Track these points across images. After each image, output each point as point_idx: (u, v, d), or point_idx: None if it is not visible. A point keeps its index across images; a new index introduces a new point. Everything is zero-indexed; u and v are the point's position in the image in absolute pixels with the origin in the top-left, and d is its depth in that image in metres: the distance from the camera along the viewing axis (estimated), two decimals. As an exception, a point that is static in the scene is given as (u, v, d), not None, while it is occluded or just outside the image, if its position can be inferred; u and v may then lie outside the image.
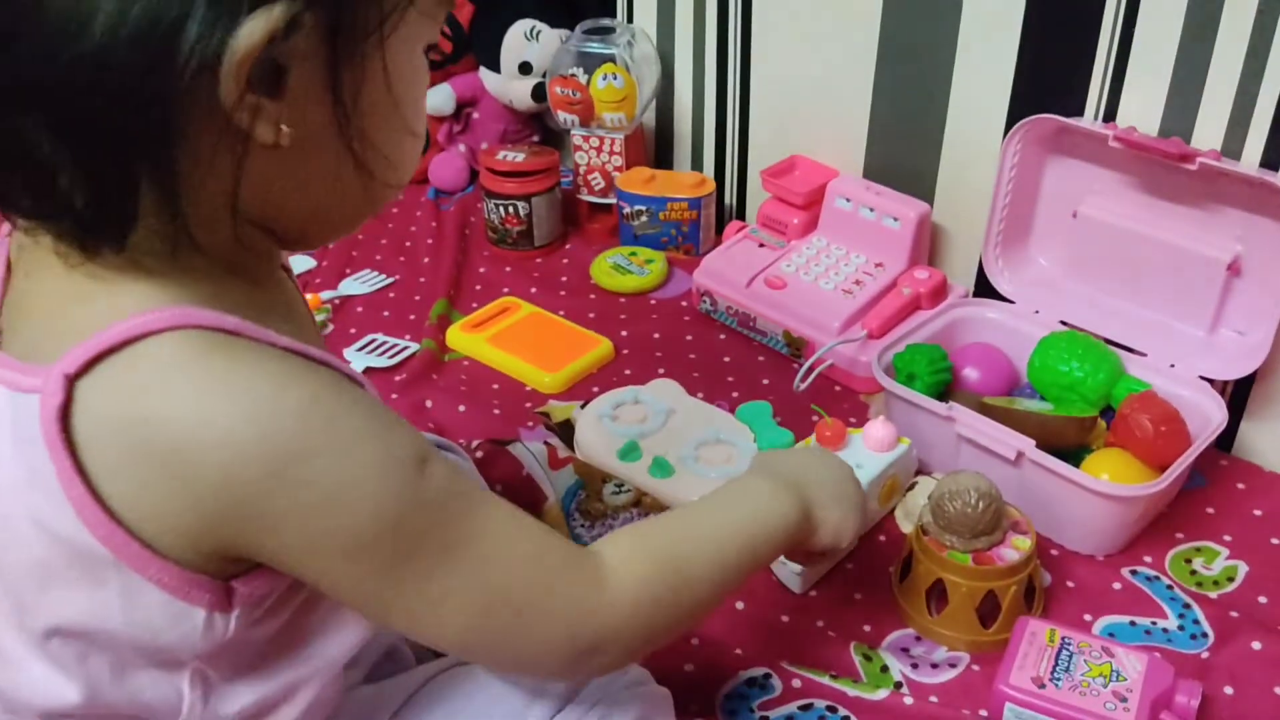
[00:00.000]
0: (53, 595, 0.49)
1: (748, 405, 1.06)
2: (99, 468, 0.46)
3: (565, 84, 1.30)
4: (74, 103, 0.44)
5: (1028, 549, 0.81)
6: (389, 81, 0.50)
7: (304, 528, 0.48)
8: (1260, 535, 0.92)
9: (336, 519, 0.48)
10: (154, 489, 0.47)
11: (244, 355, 0.48)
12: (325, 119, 0.49)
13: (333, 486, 0.48)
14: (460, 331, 1.18)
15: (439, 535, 0.51)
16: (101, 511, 0.46)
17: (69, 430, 0.46)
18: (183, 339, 0.47)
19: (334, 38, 0.47)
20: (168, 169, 0.46)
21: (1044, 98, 1.02)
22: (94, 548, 0.47)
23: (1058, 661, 0.75)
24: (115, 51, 0.43)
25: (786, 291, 1.15)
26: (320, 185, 0.52)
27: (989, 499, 0.80)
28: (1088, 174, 1.01)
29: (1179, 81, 0.95)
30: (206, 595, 0.49)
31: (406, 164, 0.55)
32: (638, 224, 1.32)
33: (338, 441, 0.48)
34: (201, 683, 0.52)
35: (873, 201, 1.16)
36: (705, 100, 1.33)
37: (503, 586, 0.54)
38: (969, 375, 1.02)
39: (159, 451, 0.46)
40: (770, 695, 0.77)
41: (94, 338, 0.46)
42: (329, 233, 0.57)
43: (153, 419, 0.46)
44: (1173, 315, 1.00)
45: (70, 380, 0.46)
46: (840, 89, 1.18)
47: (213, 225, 0.49)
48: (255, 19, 0.44)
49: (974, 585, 0.80)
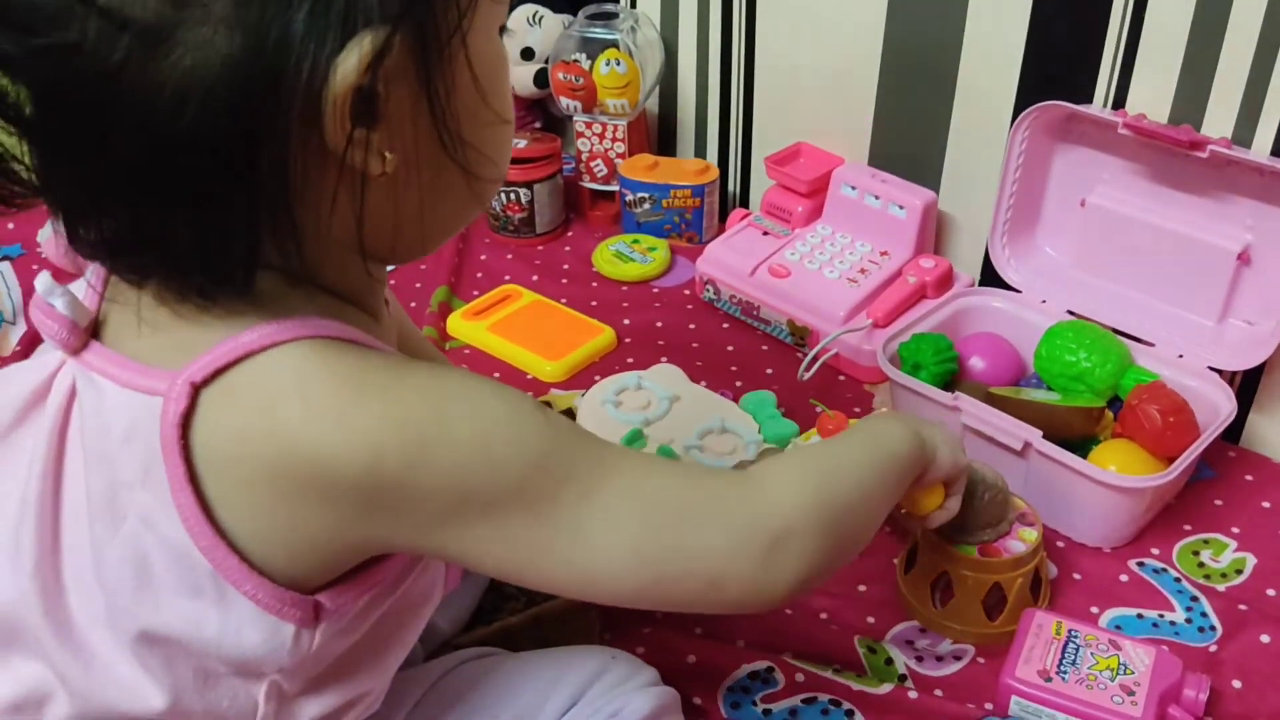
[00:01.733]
0: (148, 597, 0.49)
1: (751, 395, 1.05)
2: (213, 478, 0.46)
3: (568, 69, 1.29)
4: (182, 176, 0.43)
5: (1034, 541, 0.80)
6: (475, 77, 0.49)
7: (453, 492, 0.48)
8: (1269, 527, 0.91)
9: (484, 472, 0.48)
10: (277, 501, 0.47)
11: (365, 358, 0.48)
12: (425, 133, 0.47)
13: (476, 440, 0.48)
14: (461, 319, 1.17)
15: (581, 466, 0.50)
16: (207, 523, 0.47)
17: (187, 438, 0.46)
18: (307, 348, 0.47)
19: (423, 50, 0.45)
20: (287, 221, 0.45)
21: (1053, 84, 1.01)
22: (195, 557, 0.47)
23: (1064, 654, 0.74)
24: (214, 122, 0.42)
25: (791, 280, 1.14)
26: (429, 199, 0.51)
27: (995, 490, 0.79)
28: (1096, 162, 1.00)
29: (1189, 68, 0.94)
30: (297, 611, 0.49)
31: (504, 155, 0.54)
32: (640, 211, 1.30)
33: (467, 400, 0.48)
34: (277, 695, 0.52)
35: (878, 189, 1.15)
36: (709, 86, 1.32)
37: (663, 497, 0.51)
38: (975, 365, 1.01)
39: (294, 465, 0.46)
40: (773, 689, 0.76)
41: (220, 346, 0.46)
42: (438, 243, 0.56)
43: (286, 432, 0.46)
44: (1182, 305, 0.98)
45: (195, 389, 0.46)
46: (846, 75, 1.17)
47: (333, 264, 0.50)
48: (347, 56, 0.42)
49: (980, 578, 0.79)
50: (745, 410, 1.02)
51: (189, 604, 0.48)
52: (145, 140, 0.42)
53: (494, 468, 0.48)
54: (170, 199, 0.44)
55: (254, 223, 0.45)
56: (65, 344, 0.49)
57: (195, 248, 0.46)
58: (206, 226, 0.45)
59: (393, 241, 0.52)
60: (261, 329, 0.47)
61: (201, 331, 0.47)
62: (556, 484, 0.49)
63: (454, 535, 0.49)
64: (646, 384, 1.03)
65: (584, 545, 0.50)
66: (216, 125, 0.42)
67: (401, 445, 0.46)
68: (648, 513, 0.51)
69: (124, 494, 0.48)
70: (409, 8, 0.44)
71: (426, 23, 0.45)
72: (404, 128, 0.47)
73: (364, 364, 0.48)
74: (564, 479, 0.49)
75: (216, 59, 0.41)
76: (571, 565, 0.50)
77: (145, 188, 0.44)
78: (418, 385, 0.48)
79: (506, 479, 0.48)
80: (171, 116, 0.42)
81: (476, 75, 0.49)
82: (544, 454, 0.49)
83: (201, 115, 0.42)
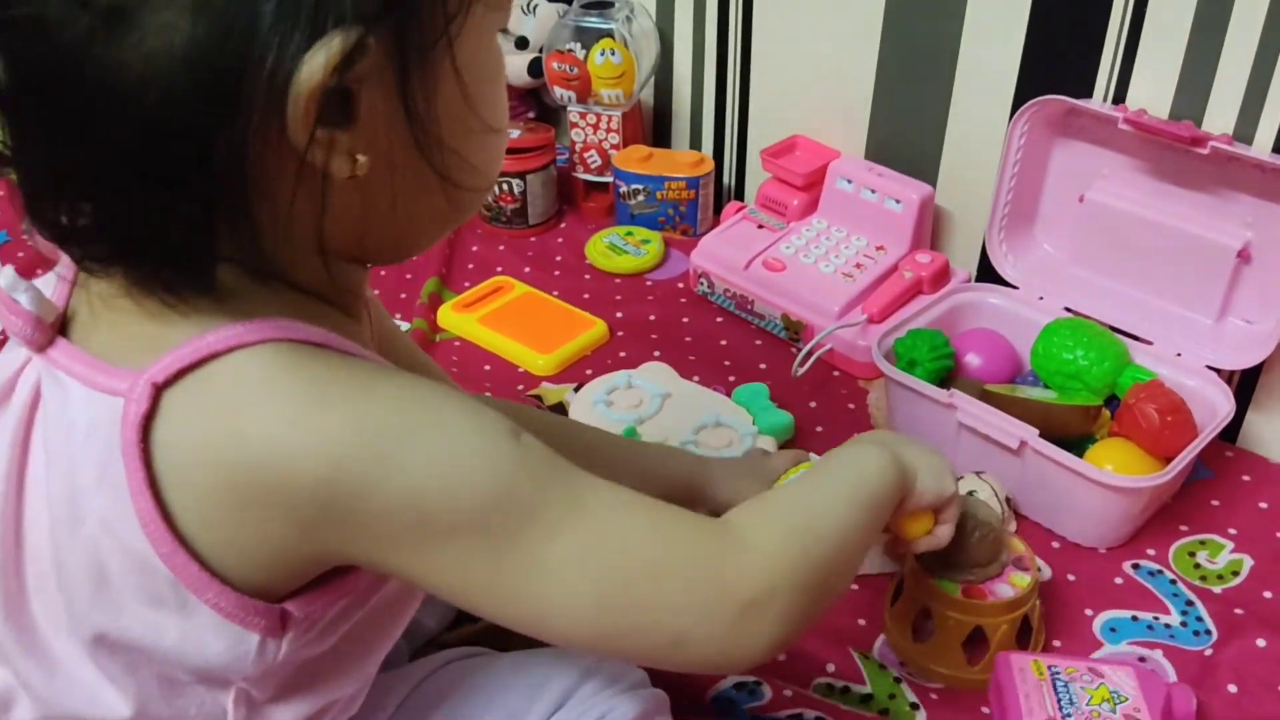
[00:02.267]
0: (107, 603, 0.47)
1: (744, 387, 1.04)
2: (173, 483, 0.45)
3: (562, 59, 1.28)
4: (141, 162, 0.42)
5: (1025, 587, 0.75)
6: (462, 84, 0.47)
7: (410, 513, 0.46)
8: (1266, 529, 0.90)
9: (444, 497, 0.46)
10: (239, 512, 0.45)
11: (332, 363, 0.47)
12: (402, 138, 0.46)
13: (437, 464, 0.46)
14: (452, 311, 1.15)
15: (549, 501, 0.47)
16: (167, 529, 0.45)
17: (148, 440, 0.45)
18: (272, 352, 0.45)
19: (401, 53, 0.44)
20: (245, 216, 0.44)
21: (1052, 78, 1.00)
22: (154, 564, 0.46)
23: (1059, 696, 0.70)
24: (177, 109, 0.41)
25: (785, 274, 1.12)
26: (404, 205, 0.49)
27: (987, 529, 0.75)
28: (1096, 157, 0.99)
29: (1191, 63, 0.92)
30: (261, 620, 0.48)
31: (492, 164, 0.52)
32: (634, 203, 1.29)
33: (434, 420, 0.46)
34: (246, 702, 0.51)
35: (874, 183, 1.13)
36: (705, 77, 1.31)
37: (630, 547, 0.49)
38: (971, 362, 1.00)
39: (251, 471, 0.44)
40: (759, 701, 0.75)
41: (182, 348, 0.45)
42: (416, 249, 0.55)
43: (247, 437, 0.44)
44: (1180, 303, 0.97)
45: (158, 390, 0.44)
46: (843, 67, 1.16)
47: (299, 262, 0.48)
48: (314, 55, 0.41)
49: (961, 619, 0.75)
50: (738, 403, 1.01)
51: (148, 612, 0.47)
52: (106, 123, 0.41)
53: (455, 495, 0.46)
54: (129, 185, 0.43)
55: (213, 216, 0.44)
56: (30, 341, 0.48)
57: (154, 237, 0.44)
58: (166, 216, 0.44)
59: (361, 244, 0.50)
60: (227, 330, 0.45)
61: (167, 329, 0.46)
62: (520, 519, 0.47)
63: (410, 557, 0.47)
64: (637, 382, 1.02)
65: (543, 587, 0.47)
66: (177, 113, 0.41)
67: (361, 460, 0.44)
68: (615, 562, 0.48)
69: (83, 497, 0.46)
70: (386, 10, 0.42)
71: (407, 26, 0.43)
72: (381, 131, 0.45)
73: (332, 370, 0.46)
74: (529, 515, 0.47)
75: (179, 45, 0.40)
76: (528, 605, 0.48)
77: (104, 172, 0.43)
78: (386, 398, 0.46)
79: (467, 508, 0.46)
80: (132, 100, 0.41)
81: (464, 82, 0.47)
82: (510, 486, 0.47)
83: (162, 102, 0.41)
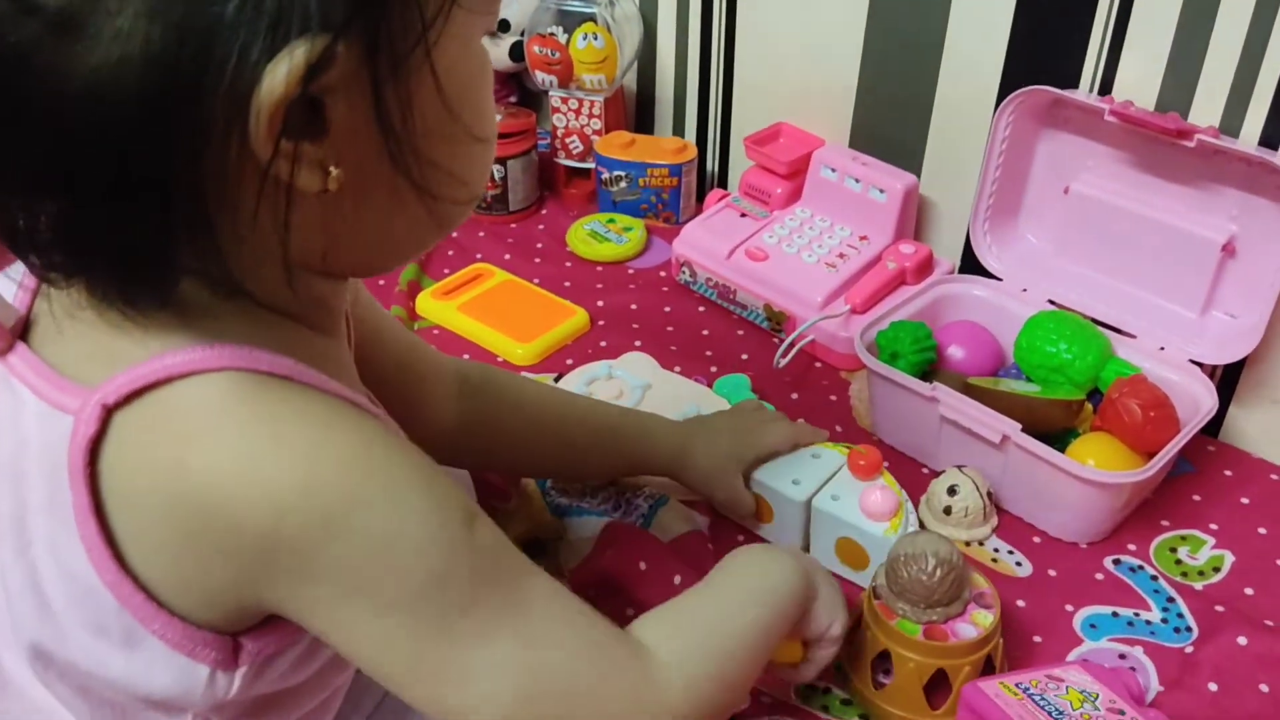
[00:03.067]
0: (53, 628, 0.46)
1: (725, 379, 1.03)
2: (119, 511, 0.43)
3: (544, 43, 1.26)
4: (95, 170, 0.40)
5: (988, 626, 0.72)
6: (442, 92, 0.44)
7: (345, 581, 0.44)
8: (1248, 524, 0.90)
9: (381, 571, 0.45)
10: (179, 545, 0.43)
11: (292, 401, 0.45)
12: (378, 150, 0.43)
13: (380, 536, 0.44)
14: (430, 299, 1.14)
15: (487, 600, 0.47)
16: (111, 557, 0.43)
17: (96, 464, 0.43)
18: (231, 381, 0.43)
19: (373, 62, 0.41)
20: (206, 229, 0.42)
21: (1038, 68, 0.99)
22: (99, 591, 0.44)
23: (1044, 709, 0.68)
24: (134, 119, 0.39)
25: (768, 264, 1.11)
26: (380, 219, 0.47)
27: (948, 566, 0.72)
28: (1081, 149, 0.98)
29: (1178, 54, 0.91)
30: (212, 653, 0.46)
31: (476, 175, 0.50)
32: (616, 190, 1.28)
33: (386, 490, 0.45)
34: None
35: (859, 172, 1.12)
36: (688, 63, 1.29)
37: (554, 667, 0.49)
38: (954, 354, 0.99)
39: (191, 505, 0.43)
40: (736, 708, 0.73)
41: (139, 367, 0.43)
42: (395, 263, 0.53)
43: (192, 470, 0.42)
44: (1164, 296, 0.97)
45: (108, 411, 0.43)
46: (828, 54, 1.15)
47: (266, 277, 0.45)
48: (276, 66, 0.39)
49: (922, 661, 0.71)
50: (719, 394, 1.00)
51: (92, 640, 0.46)
52: (57, 131, 0.39)
53: (394, 573, 0.45)
54: (86, 194, 0.41)
55: (174, 228, 0.42)
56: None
57: (111, 249, 0.42)
58: (123, 227, 0.42)
59: (335, 258, 0.48)
60: (185, 353, 0.43)
61: (125, 344, 0.44)
62: (454, 613, 0.46)
63: (337, 622, 0.46)
64: (618, 373, 1.01)
65: (461, 684, 0.47)
66: (132, 122, 0.39)
67: (305, 514, 0.43)
68: (537, 677, 0.49)
69: (32, 518, 0.45)
70: (354, 16, 0.40)
71: (379, 34, 0.41)
72: (355, 143, 0.43)
73: (290, 409, 0.44)
74: (464, 610, 0.46)
75: (134, 53, 0.38)
76: (441, 696, 0.48)
77: (56, 178, 0.41)
78: (341, 456, 0.44)
79: (404, 588, 0.45)
80: (85, 109, 0.38)
81: (444, 89, 0.44)
82: (451, 577, 0.46)
83: (116, 111, 0.38)
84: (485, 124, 0.48)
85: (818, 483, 0.83)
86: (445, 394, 0.76)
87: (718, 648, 0.57)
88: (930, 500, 0.89)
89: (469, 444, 0.75)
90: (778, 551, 0.68)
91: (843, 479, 0.84)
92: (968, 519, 0.87)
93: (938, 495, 0.88)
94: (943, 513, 0.87)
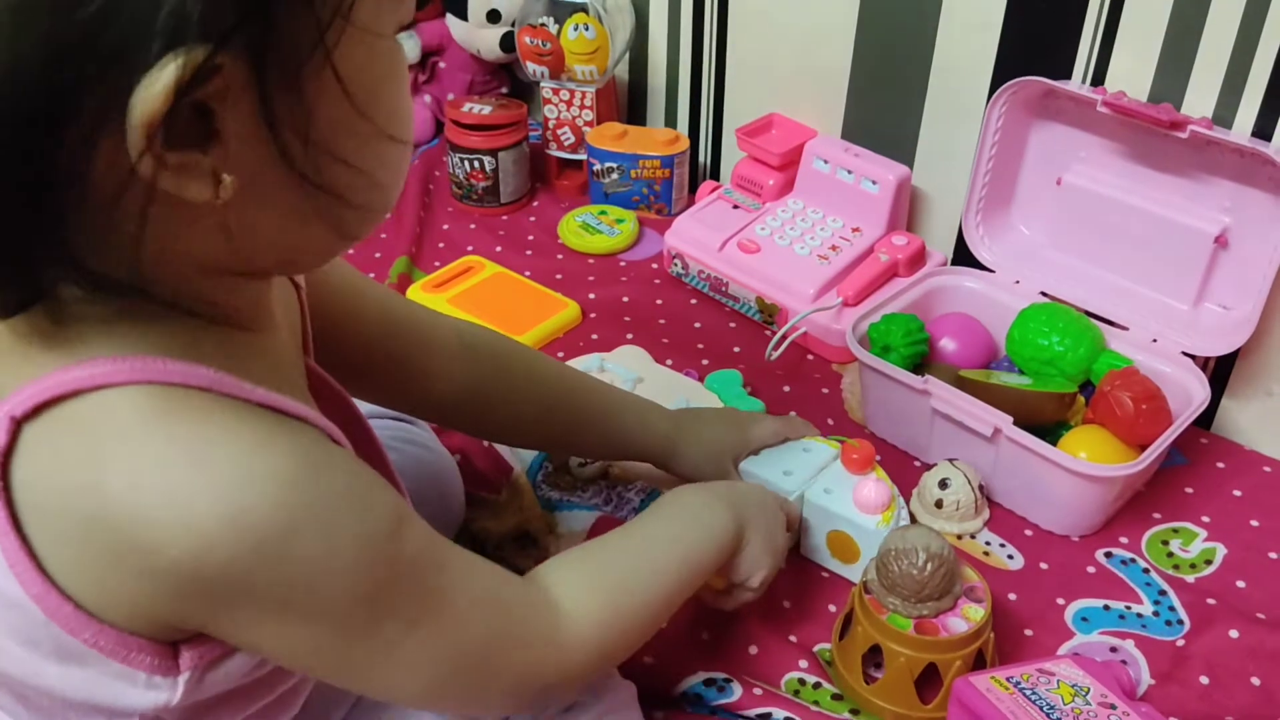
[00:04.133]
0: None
1: (716, 374, 1.02)
2: (37, 526, 0.42)
3: (535, 34, 1.25)
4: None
5: (979, 621, 0.71)
6: (349, 93, 0.42)
7: (272, 604, 0.44)
8: (1240, 517, 0.89)
9: (311, 590, 0.45)
10: (100, 563, 0.42)
11: (213, 418, 0.43)
12: (276, 155, 0.41)
13: (308, 562, 0.44)
14: (422, 291, 1.13)
15: (412, 601, 0.49)
16: (35, 570, 0.42)
17: (9, 477, 0.41)
18: (145, 397, 0.42)
19: (262, 70, 0.39)
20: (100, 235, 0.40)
21: (1031, 59, 0.99)
22: (25, 603, 0.43)
23: (1037, 704, 0.68)
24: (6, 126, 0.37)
25: (760, 256, 1.11)
26: (288, 223, 0.45)
27: (939, 560, 0.71)
28: (1074, 140, 0.98)
29: (1171, 45, 0.91)
30: (148, 659, 0.45)
31: (390, 177, 0.47)
32: (608, 182, 1.27)
33: (315, 514, 0.44)
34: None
35: (851, 164, 1.12)
36: (680, 54, 1.29)
37: (472, 644, 0.52)
38: (946, 347, 0.99)
39: (110, 528, 0.41)
40: (729, 699, 0.73)
41: (46, 379, 0.41)
42: (307, 266, 0.52)
43: (109, 494, 0.41)
44: (1157, 288, 0.96)
45: (17, 423, 0.41)
46: (820, 45, 1.14)
47: (173, 282, 0.44)
48: (153, 77, 0.36)
49: (913, 656, 0.71)
50: (711, 390, 1.00)
51: (24, 651, 0.44)
52: None
53: (323, 590, 0.45)
54: None
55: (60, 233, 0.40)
56: None
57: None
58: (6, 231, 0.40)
59: (243, 261, 0.46)
60: (90, 365, 0.42)
61: (34, 353, 0.43)
62: (382, 616, 0.48)
63: (265, 634, 0.46)
64: (609, 366, 1.01)
65: (389, 671, 0.49)
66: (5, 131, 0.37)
67: (232, 546, 0.42)
68: (454, 664, 0.52)
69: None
70: (240, 25, 0.38)
71: (267, 41, 0.39)
72: (247, 150, 0.41)
73: (213, 429, 0.43)
74: (391, 612, 0.48)
75: (3, 61, 0.36)
76: (373, 685, 0.50)
77: None
78: (270, 478, 0.42)
79: (333, 604, 0.46)
80: None
81: (351, 90, 0.42)
82: (379, 587, 0.47)
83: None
84: (400, 123, 0.46)
85: (810, 474, 0.83)
86: (447, 358, 0.75)
87: (627, 599, 0.60)
88: (922, 493, 0.88)
89: (472, 409, 0.76)
90: (713, 498, 0.70)
91: (834, 472, 0.83)
92: (959, 512, 0.87)
93: (929, 488, 0.88)
94: (934, 506, 0.87)
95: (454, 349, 0.75)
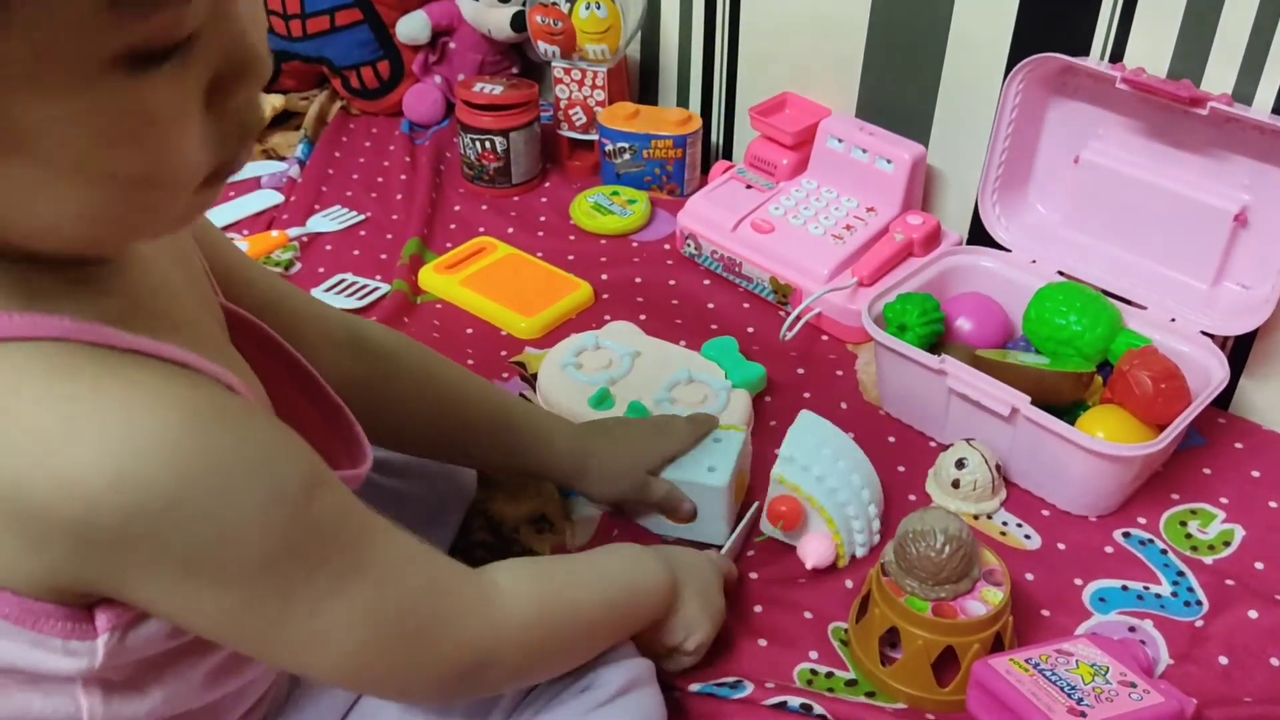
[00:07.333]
0: None
1: (713, 342, 1.01)
2: None
3: (546, 13, 1.24)
4: None
5: (998, 604, 0.71)
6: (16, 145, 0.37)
7: (173, 567, 0.43)
8: (1258, 497, 0.89)
9: (214, 554, 0.43)
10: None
11: (105, 376, 0.41)
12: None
13: (207, 523, 0.42)
14: (433, 272, 1.13)
15: (326, 567, 0.47)
16: None
17: None
18: (16, 354, 0.40)
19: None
20: None
21: (1048, 35, 0.98)
22: None
23: (1058, 684, 0.67)
24: None
25: (774, 236, 1.10)
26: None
27: (958, 543, 0.71)
28: (1092, 117, 0.97)
29: (1190, 20, 0.90)
30: (59, 624, 0.44)
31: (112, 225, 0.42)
32: (620, 162, 1.26)
33: (216, 476, 0.42)
34: (100, 688, 0.47)
35: (865, 142, 1.11)
36: (692, 33, 1.28)
37: (393, 615, 0.51)
38: (962, 326, 0.98)
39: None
40: (742, 694, 0.72)
41: None
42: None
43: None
44: (1175, 267, 0.96)
45: None
46: (834, 23, 1.13)
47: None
48: None
49: (931, 639, 0.70)
50: (708, 358, 0.99)
51: None
52: None
53: (228, 553, 0.43)
54: None
55: None
56: None
57: None
58: None
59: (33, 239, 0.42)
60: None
61: None
62: (297, 581, 0.46)
63: (176, 604, 0.45)
64: (605, 343, 1.00)
65: (308, 642, 0.48)
66: None
67: (122, 506, 0.40)
68: (378, 623, 0.50)
69: None
70: None
71: None
72: None
73: (86, 385, 0.40)
74: (307, 577, 0.46)
75: None
76: (293, 657, 0.50)
77: None
78: (148, 434, 0.40)
79: (242, 566, 0.44)
80: None
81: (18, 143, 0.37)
82: (291, 550, 0.45)
83: None
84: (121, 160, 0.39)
85: (731, 463, 0.81)
86: (333, 348, 0.71)
87: (563, 600, 0.61)
88: (938, 474, 0.88)
89: (357, 406, 0.66)
90: (652, 559, 0.70)
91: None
92: (976, 492, 0.86)
93: (946, 469, 0.87)
94: (951, 486, 0.87)
95: (340, 339, 0.72)
